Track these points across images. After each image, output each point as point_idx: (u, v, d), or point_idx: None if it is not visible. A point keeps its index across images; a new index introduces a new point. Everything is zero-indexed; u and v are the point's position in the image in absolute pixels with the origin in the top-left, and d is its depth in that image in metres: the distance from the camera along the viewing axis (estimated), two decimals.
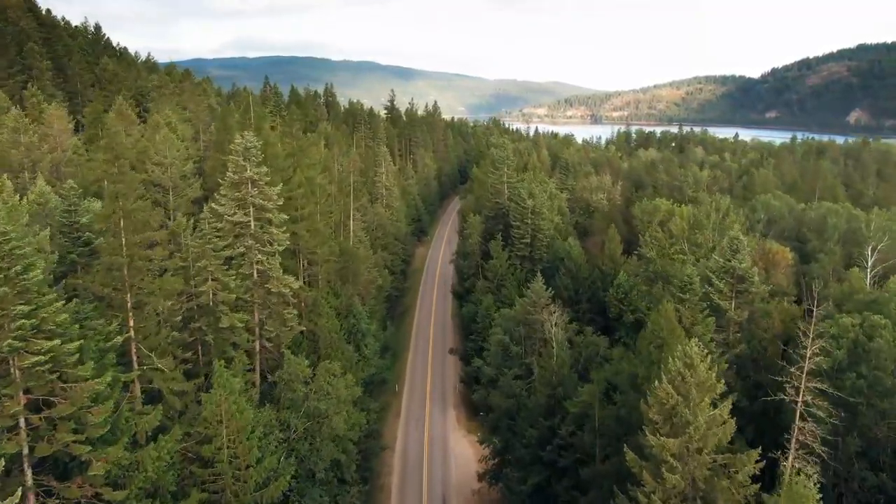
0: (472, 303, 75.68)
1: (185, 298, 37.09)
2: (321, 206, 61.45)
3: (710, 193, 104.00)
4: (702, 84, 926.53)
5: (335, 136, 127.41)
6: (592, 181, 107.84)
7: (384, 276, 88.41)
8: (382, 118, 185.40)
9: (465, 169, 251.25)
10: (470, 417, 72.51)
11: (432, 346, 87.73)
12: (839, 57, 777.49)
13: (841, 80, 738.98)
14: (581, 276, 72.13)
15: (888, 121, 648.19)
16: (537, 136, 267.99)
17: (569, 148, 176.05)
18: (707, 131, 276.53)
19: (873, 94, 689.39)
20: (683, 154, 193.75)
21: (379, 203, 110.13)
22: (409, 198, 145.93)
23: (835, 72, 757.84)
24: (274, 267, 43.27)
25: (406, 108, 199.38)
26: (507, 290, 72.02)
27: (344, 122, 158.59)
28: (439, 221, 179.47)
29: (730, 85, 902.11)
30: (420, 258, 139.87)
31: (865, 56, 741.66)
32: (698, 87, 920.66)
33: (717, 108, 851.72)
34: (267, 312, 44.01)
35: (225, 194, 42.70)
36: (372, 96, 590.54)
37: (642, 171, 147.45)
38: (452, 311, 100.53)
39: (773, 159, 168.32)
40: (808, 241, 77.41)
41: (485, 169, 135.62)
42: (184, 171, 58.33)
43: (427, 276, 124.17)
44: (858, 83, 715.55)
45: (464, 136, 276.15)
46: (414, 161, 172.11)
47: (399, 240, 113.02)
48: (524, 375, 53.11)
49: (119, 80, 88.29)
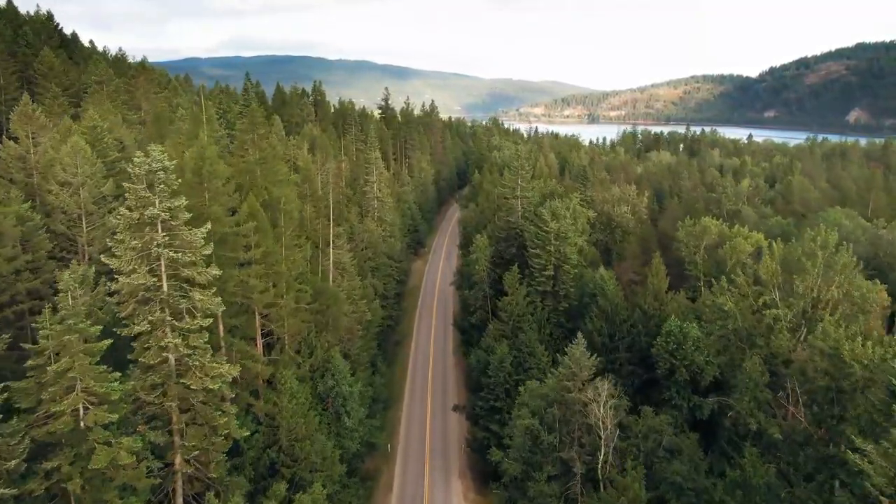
0: (483, 349, 60.49)
1: (27, 426, 21.93)
2: (289, 236, 46.15)
3: (752, 206, 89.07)
4: (699, 83, 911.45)
5: (321, 139, 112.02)
6: (614, 192, 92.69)
7: (374, 307, 73.35)
8: (376, 118, 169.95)
9: (464, 172, 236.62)
10: (480, 489, 57.67)
11: (431, 394, 72.45)
12: (837, 56, 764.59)
13: (840, 79, 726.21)
14: (618, 317, 57.17)
15: (888, 120, 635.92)
16: (539, 137, 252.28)
17: (578, 151, 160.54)
18: (716, 131, 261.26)
19: (873, 94, 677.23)
20: (699, 156, 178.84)
21: (370, 217, 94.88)
22: (404, 207, 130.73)
23: (833, 71, 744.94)
24: (198, 349, 28.13)
25: (402, 107, 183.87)
26: (526, 335, 56.95)
27: (333, 124, 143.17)
28: (438, 230, 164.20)
29: (727, 84, 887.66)
30: (417, 274, 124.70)
31: (864, 55, 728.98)
32: (696, 87, 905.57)
33: (714, 108, 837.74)
34: (188, 417, 28.86)
35: (121, 241, 27.52)
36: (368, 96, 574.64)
37: (661, 178, 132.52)
38: (454, 344, 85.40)
39: (799, 163, 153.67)
40: (893, 270, 62.67)
41: (491, 178, 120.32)
42: (101, 192, 43.06)
43: (425, 297, 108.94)
44: (857, 82, 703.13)
45: (462, 136, 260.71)
46: (410, 165, 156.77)
47: (393, 258, 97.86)
48: (561, 475, 38.29)
49: (54, 74, 72.78)
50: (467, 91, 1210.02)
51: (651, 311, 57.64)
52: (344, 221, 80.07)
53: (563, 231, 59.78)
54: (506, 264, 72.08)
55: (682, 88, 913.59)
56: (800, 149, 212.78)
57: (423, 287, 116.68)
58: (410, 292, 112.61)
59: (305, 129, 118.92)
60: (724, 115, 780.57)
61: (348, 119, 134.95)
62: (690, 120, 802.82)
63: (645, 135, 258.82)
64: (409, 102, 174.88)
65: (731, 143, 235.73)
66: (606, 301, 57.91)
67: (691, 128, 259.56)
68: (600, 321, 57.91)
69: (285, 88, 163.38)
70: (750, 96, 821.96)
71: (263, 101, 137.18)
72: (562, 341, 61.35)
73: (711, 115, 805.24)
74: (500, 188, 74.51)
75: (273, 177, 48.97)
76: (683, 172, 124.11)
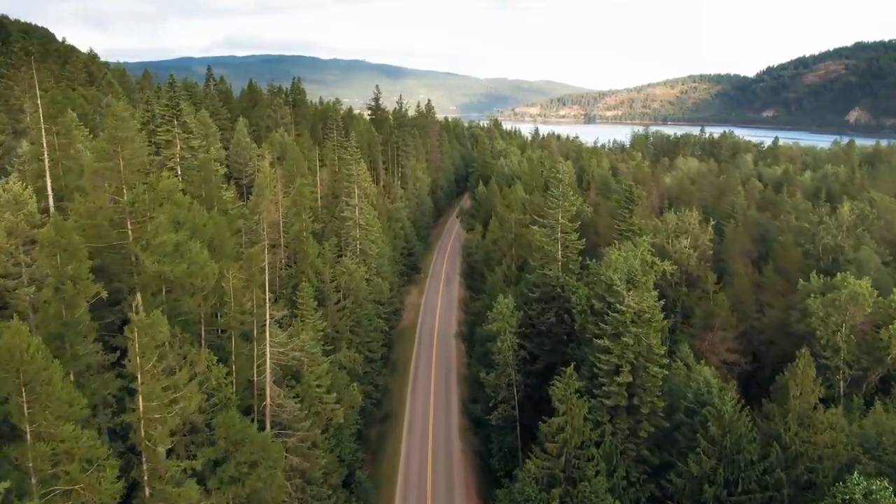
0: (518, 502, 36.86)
1: None
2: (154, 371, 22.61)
3: (855, 240, 65.60)
4: (696, 83, 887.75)
5: (292, 149, 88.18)
6: (670, 220, 69.38)
7: (353, 394, 50.04)
8: (366, 120, 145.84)
9: (463, 178, 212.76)
10: None
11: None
12: (836, 55, 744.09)
13: (839, 78, 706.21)
14: (741, 455, 34.08)
15: (889, 120, 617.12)
16: (544, 138, 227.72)
17: (598, 158, 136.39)
18: (733, 133, 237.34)
19: (873, 93, 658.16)
20: (731, 163, 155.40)
21: (349, 253, 71.25)
22: (396, 227, 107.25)
23: (832, 70, 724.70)
24: None
25: (394, 107, 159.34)
26: (591, 486, 33.76)
27: (312, 128, 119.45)
28: (435, 247, 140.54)
29: (724, 83, 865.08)
30: (411, 309, 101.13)
31: (863, 54, 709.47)
32: (692, 86, 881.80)
33: (712, 108, 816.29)
34: None
35: None
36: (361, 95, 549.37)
37: (706, 193, 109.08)
38: (462, 429, 61.93)
39: (858, 171, 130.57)
40: None
41: (503, 200, 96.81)
42: None
43: (420, 349, 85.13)
44: (857, 82, 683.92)
45: (460, 138, 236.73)
46: (403, 175, 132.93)
47: (381, 302, 74.50)
48: None
49: None
50: (462, 91, 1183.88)
51: (797, 448, 34.46)
52: (308, 268, 56.39)
53: (645, 309, 36.25)
54: (540, 337, 48.70)
55: (679, 88, 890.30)
56: (832, 153, 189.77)
57: (419, 328, 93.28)
58: (402, 337, 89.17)
59: (274, 136, 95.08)
60: (722, 114, 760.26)
61: (329, 122, 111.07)
62: (688, 119, 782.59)
63: (657, 136, 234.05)
64: (401, 101, 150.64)
65: (753, 146, 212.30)
66: (720, 427, 34.68)
67: (708, 129, 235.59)
68: (711, 459, 34.70)
69: (261, 86, 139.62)
70: (748, 96, 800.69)
71: (228, 101, 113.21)
72: (644, 486, 38.05)
73: (709, 114, 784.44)
74: (539, 236, 50.78)
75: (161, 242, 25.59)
76: (739, 188, 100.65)
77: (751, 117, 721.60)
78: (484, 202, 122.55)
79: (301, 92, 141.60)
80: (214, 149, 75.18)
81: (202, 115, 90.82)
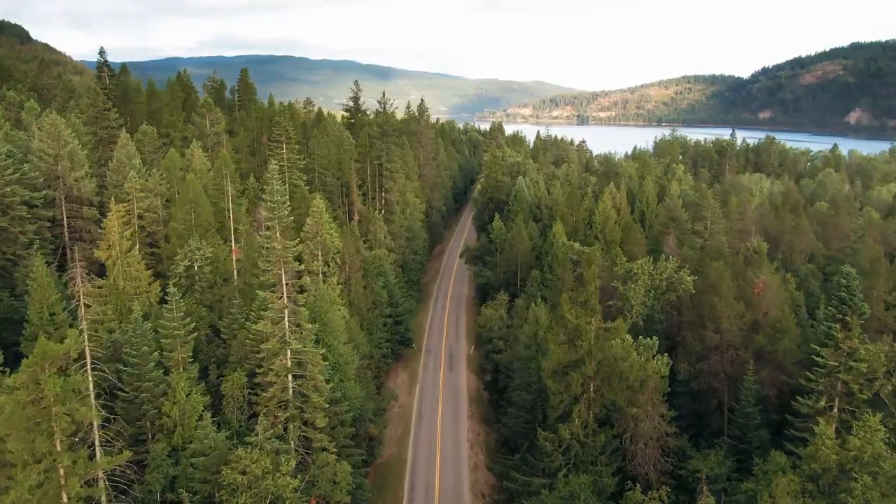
0: None
1: None
2: None
3: None
4: (691, 83, 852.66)
5: (193, 185, 50.72)
6: None
7: None
8: (339, 125, 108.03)
9: (461, 192, 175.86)
10: None
11: None
12: (833, 56, 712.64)
13: (837, 79, 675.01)
14: None
15: (892, 121, 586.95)
16: (561, 142, 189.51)
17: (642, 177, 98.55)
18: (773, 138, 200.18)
19: (873, 94, 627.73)
20: (814, 181, 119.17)
21: (301, 373, 34.17)
22: (378, 285, 70.55)
23: (830, 70, 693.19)
24: None
25: (377, 108, 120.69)
26: None
27: (254, 139, 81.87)
28: (431, 295, 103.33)
29: (720, 84, 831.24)
30: (398, 423, 64.15)
31: (861, 55, 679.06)
32: (687, 87, 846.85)
33: (707, 108, 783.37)
34: None
35: None
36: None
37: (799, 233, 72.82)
38: None
39: None
40: None
41: (552, 266, 59.49)
42: None
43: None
44: (856, 82, 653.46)
45: (457, 144, 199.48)
46: (388, 203, 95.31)
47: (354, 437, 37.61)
48: None
49: None
50: (453, 91, 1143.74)
51: None
52: None
53: None
54: None
55: (674, 89, 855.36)
56: (866, 160, 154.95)
57: (411, 467, 56.45)
58: (386, 480, 52.45)
59: (172, 155, 57.34)
60: (718, 115, 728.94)
61: (278, 130, 73.30)
62: (683, 121, 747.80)
63: (678, 142, 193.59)
64: (385, 101, 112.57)
65: (801, 153, 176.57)
66: None
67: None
68: None
69: (198, 85, 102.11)
70: (743, 97, 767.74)
71: (126, 101, 75.11)
72: None
73: (704, 115, 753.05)
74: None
75: None
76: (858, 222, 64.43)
77: (747, 118, 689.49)
78: (500, 242, 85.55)
79: (253, 90, 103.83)
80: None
81: (53, 119, 53.47)
